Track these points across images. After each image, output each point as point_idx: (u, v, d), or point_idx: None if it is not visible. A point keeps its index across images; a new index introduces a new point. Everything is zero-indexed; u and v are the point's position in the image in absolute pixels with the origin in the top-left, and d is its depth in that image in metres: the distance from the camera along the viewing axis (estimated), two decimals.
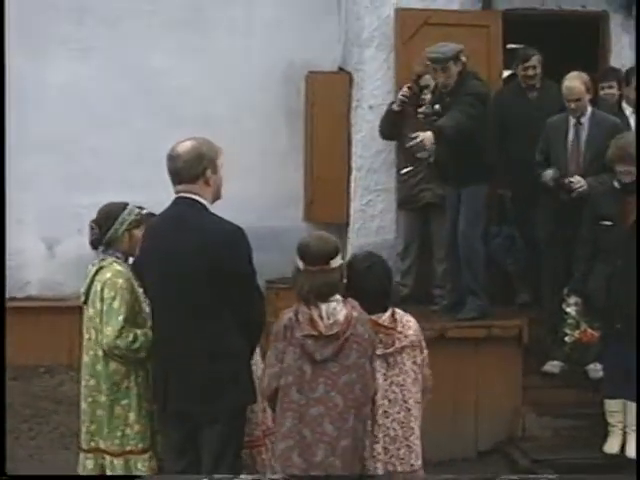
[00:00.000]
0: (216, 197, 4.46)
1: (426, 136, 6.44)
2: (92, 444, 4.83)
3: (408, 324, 4.41)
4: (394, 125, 7.44)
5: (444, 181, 7.11)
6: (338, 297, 4.15)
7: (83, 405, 4.87)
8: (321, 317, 4.08)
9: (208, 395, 4.26)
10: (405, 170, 7.46)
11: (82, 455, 4.90)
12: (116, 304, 4.69)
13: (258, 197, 8.16)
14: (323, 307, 4.10)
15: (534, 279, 7.34)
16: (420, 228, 7.52)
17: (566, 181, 6.53)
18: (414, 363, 4.39)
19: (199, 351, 4.26)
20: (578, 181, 6.50)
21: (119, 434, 4.74)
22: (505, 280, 7.55)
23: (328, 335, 4.04)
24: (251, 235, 4.30)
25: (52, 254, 8.23)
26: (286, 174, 8.25)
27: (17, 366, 7.56)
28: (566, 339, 6.21)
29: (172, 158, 4.38)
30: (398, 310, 4.44)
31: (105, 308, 4.71)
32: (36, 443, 6.74)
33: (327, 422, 4.02)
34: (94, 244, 4.93)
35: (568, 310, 6.16)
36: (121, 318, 4.65)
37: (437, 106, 6.84)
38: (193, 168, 4.33)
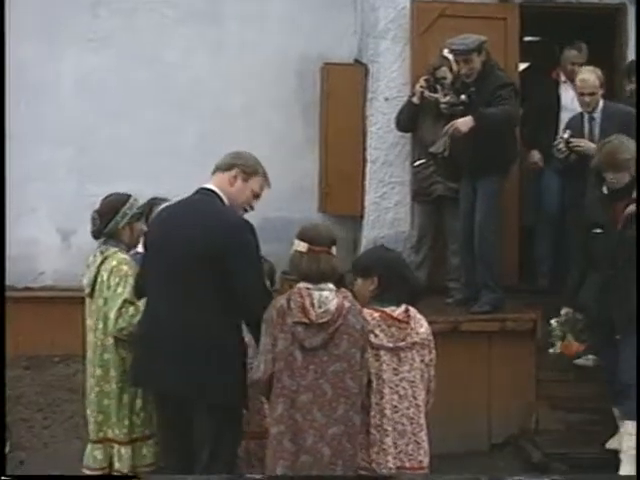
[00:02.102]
0: (237, 204, 4.53)
1: (464, 121, 6.56)
2: (100, 434, 4.88)
3: (420, 322, 4.44)
4: (412, 117, 7.43)
5: (458, 174, 7.10)
6: (331, 286, 4.18)
7: (91, 396, 4.90)
8: (313, 305, 4.10)
9: (200, 386, 4.24)
10: (418, 162, 7.45)
11: (90, 446, 4.95)
12: (120, 289, 4.73)
13: (273, 189, 8.04)
14: (315, 295, 4.13)
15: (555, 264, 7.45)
16: (434, 221, 7.50)
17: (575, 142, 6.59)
18: (422, 361, 4.40)
19: (191, 340, 4.25)
20: (585, 143, 6.55)
21: (127, 422, 4.79)
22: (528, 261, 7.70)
23: (319, 323, 4.08)
24: (267, 226, 4.33)
25: (67, 244, 8.24)
26: (301, 166, 8.23)
27: (31, 356, 7.62)
28: (550, 350, 6.17)
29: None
30: (411, 307, 4.46)
31: (110, 295, 4.76)
32: (50, 432, 6.77)
33: (316, 409, 4.07)
34: (95, 235, 4.98)
35: (552, 322, 6.12)
36: (121, 299, 4.69)
37: (463, 96, 6.83)
38: (226, 161, 4.60)
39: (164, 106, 8.08)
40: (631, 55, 7.73)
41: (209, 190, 4.48)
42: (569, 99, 7.46)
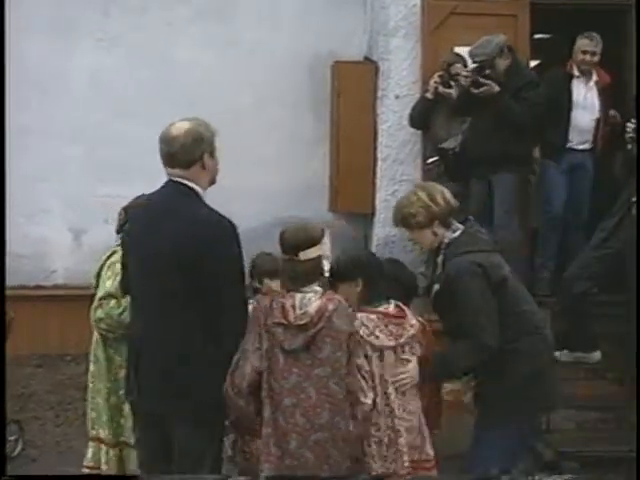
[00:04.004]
0: (211, 182, 4.19)
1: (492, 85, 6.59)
2: (93, 432, 4.83)
3: (410, 314, 4.47)
4: (425, 113, 7.41)
5: (466, 174, 7.07)
6: (317, 288, 4.07)
7: (87, 392, 4.88)
8: (293, 307, 4.00)
9: (177, 397, 4.00)
10: (430, 160, 7.44)
11: (89, 443, 4.92)
12: (109, 283, 4.64)
13: (284, 187, 8.16)
14: (297, 297, 4.03)
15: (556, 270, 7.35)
16: None
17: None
18: (413, 354, 4.42)
19: (172, 351, 4.00)
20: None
21: (114, 424, 4.70)
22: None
23: (298, 325, 3.96)
24: (277, 225, 4.29)
25: (79, 243, 8.26)
26: (312, 164, 8.23)
27: (43, 354, 7.64)
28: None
29: (167, 141, 4.10)
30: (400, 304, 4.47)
31: (100, 287, 4.71)
32: (62, 430, 6.79)
33: (299, 414, 3.97)
34: (117, 230, 4.96)
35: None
36: (105, 291, 4.57)
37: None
38: (190, 153, 4.06)
39: (175, 104, 8.03)
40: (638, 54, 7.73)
41: (183, 186, 4.09)
42: (581, 96, 7.39)
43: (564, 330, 6.76)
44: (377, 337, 4.28)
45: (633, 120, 6.48)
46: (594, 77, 7.39)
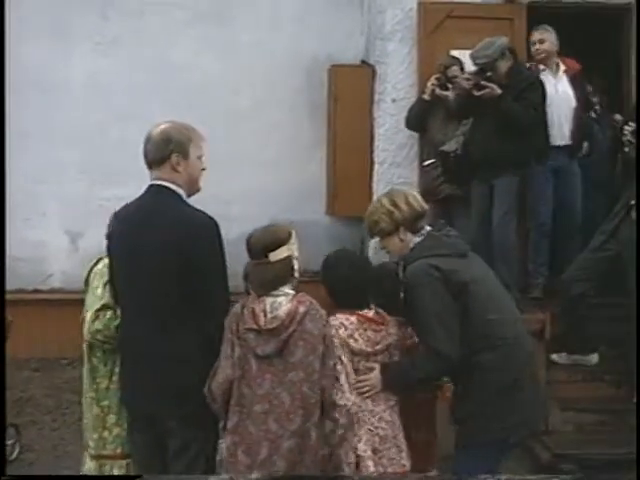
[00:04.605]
0: (193, 187, 4.19)
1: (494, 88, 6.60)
2: (84, 440, 4.70)
3: (392, 322, 4.30)
4: (422, 115, 7.41)
5: (467, 176, 7.08)
6: (288, 291, 3.99)
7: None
8: (264, 311, 3.92)
9: (170, 399, 4.01)
10: (427, 162, 7.45)
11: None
12: (99, 292, 4.52)
13: (281, 190, 8.17)
14: (268, 301, 3.94)
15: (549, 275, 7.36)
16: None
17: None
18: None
19: (161, 354, 4.00)
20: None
21: (95, 436, 4.55)
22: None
23: (269, 330, 3.88)
24: None
25: (75, 247, 8.26)
26: (309, 167, 8.25)
27: (40, 358, 7.63)
28: None
29: (144, 141, 4.19)
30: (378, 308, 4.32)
31: (89, 296, 4.58)
32: (59, 434, 6.77)
33: (272, 420, 3.87)
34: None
35: None
36: (99, 304, 4.46)
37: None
38: (159, 151, 4.12)
39: (173, 108, 8.04)
40: (636, 55, 7.73)
41: (162, 187, 4.12)
42: (552, 88, 7.19)
43: (562, 333, 6.78)
44: (356, 340, 4.15)
45: (631, 123, 6.49)
46: (561, 67, 7.35)
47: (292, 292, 4.00)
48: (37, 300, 7.88)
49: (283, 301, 3.95)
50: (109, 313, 4.46)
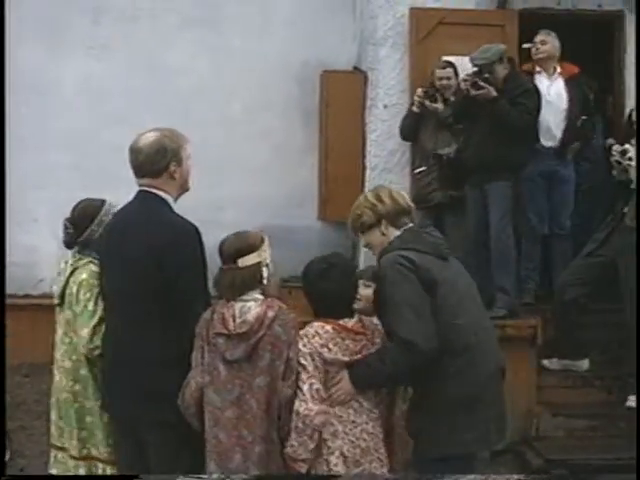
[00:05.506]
0: (183, 189, 4.22)
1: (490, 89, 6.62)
2: (84, 451, 4.63)
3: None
4: (413, 125, 7.46)
5: (460, 180, 7.09)
6: (257, 296, 3.99)
7: (69, 412, 4.65)
8: (233, 316, 3.92)
9: (147, 401, 4.01)
10: (418, 170, 7.46)
11: (72, 462, 4.67)
12: (91, 305, 4.49)
13: (273, 196, 8.17)
14: (237, 306, 3.94)
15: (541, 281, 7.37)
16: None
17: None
18: None
19: (143, 359, 4.01)
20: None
21: (110, 441, 4.52)
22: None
23: (238, 334, 3.87)
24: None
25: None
26: (301, 173, 8.26)
27: (30, 363, 7.60)
28: None
29: (133, 151, 4.17)
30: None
31: (80, 310, 4.53)
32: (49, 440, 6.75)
33: (242, 426, 3.86)
34: (68, 245, 4.80)
35: None
36: (96, 318, 4.43)
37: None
38: (156, 163, 4.11)
39: (165, 112, 8.03)
40: (629, 63, 7.76)
41: (152, 194, 4.14)
42: (545, 90, 7.22)
43: (553, 338, 6.80)
44: (330, 350, 3.99)
45: (618, 146, 6.49)
46: (557, 69, 7.40)
47: (261, 297, 4.00)
48: (28, 305, 7.85)
49: (252, 306, 3.95)
50: (104, 328, 4.41)
